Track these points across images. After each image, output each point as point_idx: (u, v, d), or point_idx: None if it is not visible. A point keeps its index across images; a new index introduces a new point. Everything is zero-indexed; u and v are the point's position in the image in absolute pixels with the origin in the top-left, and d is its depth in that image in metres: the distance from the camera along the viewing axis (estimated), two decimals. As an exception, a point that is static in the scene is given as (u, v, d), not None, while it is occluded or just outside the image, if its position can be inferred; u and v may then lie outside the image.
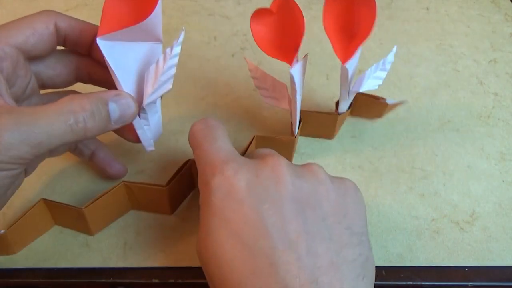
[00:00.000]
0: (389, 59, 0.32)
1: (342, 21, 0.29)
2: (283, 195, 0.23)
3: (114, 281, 0.29)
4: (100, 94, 0.24)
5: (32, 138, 0.21)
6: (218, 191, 0.23)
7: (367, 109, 0.37)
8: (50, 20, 0.26)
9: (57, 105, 0.23)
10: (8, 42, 0.24)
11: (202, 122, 0.27)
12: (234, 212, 0.22)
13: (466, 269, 0.30)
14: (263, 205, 0.22)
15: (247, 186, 0.23)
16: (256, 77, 0.32)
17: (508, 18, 0.48)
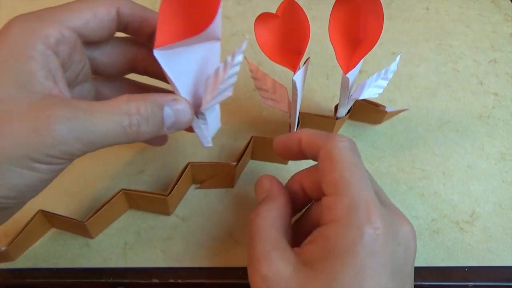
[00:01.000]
0: (391, 69, 0.31)
1: (348, 30, 0.29)
2: (408, 272, 0.22)
3: (114, 281, 0.29)
4: (156, 97, 0.23)
5: (86, 136, 0.20)
6: (369, 245, 0.21)
7: (366, 115, 0.37)
8: (112, 5, 0.24)
9: (113, 105, 0.22)
10: (67, 25, 0.23)
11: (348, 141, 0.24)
12: (373, 274, 0.21)
13: (466, 269, 0.30)
14: (395, 276, 0.21)
15: (391, 252, 0.21)
16: (256, 77, 0.32)
17: (508, 18, 0.48)
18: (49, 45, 0.22)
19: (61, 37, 0.22)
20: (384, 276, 0.21)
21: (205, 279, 0.29)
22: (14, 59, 0.21)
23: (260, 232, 0.23)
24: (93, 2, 0.24)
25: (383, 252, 0.21)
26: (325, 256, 0.21)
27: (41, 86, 0.21)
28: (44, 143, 0.20)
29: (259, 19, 0.28)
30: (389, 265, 0.21)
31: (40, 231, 0.30)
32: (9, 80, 0.20)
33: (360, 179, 0.22)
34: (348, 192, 0.22)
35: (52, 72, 0.22)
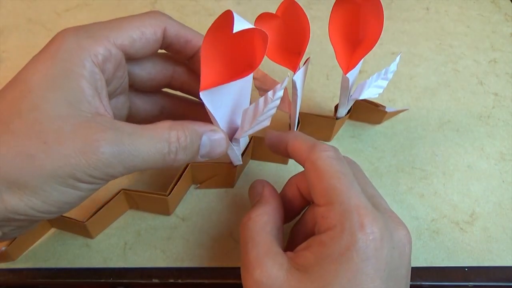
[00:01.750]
0: (391, 69, 0.31)
1: (348, 30, 0.29)
2: (403, 276, 0.23)
3: (114, 281, 0.29)
4: (196, 126, 0.24)
5: (129, 160, 0.21)
6: (363, 251, 0.21)
7: (366, 115, 0.37)
8: (159, 25, 0.25)
9: (155, 131, 0.22)
10: (115, 43, 0.23)
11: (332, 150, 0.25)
12: (368, 281, 0.21)
13: (466, 269, 0.30)
14: (390, 281, 0.21)
15: (385, 257, 0.21)
16: (257, 77, 0.32)
17: (508, 18, 0.48)
18: (97, 62, 0.22)
19: (108, 54, 0.23)
20: (379, 281, 0.21)
21: (205, 279, 0.29)
22: (65, 76, 0.21)
23: (253, 237, 0.23)
24: (141, 21, 0.24)
25: (377, 257, 0.21)
26: (320, 261, 0.21)
27: (89, 104, 0.21)
28: (90, 165, 0.20)
29: (259, 19, 0.28)
30: (383, 269, 0.21)
31: (40, 231, 0.30)
32: (59, 97, 0.21)
33: (349, 186, 0.23)
34: (339, 199, 0.22)
35: (98, 90, 0.22)
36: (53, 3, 0.48)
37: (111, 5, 0.48)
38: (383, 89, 0.32)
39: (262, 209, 0.25)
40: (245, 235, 0.24)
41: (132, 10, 0.47)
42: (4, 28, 0.45)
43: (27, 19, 0.46)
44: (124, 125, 0.22)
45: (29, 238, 0.29)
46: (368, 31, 0.28)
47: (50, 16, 0.46)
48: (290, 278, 0.21)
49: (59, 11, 0.47)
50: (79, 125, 0.20)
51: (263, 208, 0.25)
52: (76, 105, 0.21)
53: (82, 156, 0.20)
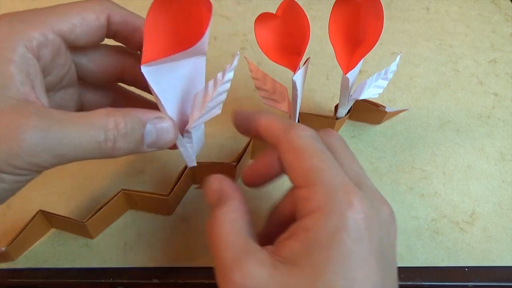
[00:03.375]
0: (391, 69, 0.31)
1: (348, 30, 0.29)
2: (392, 256, 0.21)
3: (114, 281, 0.29)
4: (139, 113, 0.22)
5: (57, 149, 0.19)
6: (354, 231, 0.19)
7: (366, 115, 0.37)
8: (102, 11, 0.23)
9: (90, 118, 0.20)
10: (52, 28, 0.22)
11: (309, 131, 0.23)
12: (362, 262, 0.19)
13: (466, 269, 0.30)
14: (382, 263, 0.20)
15: (376, 237, 0.20)
16: (256, 78, 0.32)
17: (508, 18, 0.48)
18: (31, 48, 0.21)
19: (44, 40, 0.21)
20: (374, 264, 0.20)
21: (205, 279, 0.29)
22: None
23: (223, 239, 0.21)
24: (82, 7, 0.23)
25: (370, 237, 0.20)
26: (308, 250, 0.20)
27: (17, 91, 0.20)
28: (11, 153, 0.19)
29: (259, 19, 0.28)
30: (376, 250, 0.20)
31: (40, 231, 0.30)
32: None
33: (331, 165, 0.21)
34: (323, 179, 0.21)
35: (31, 76, 0.21)
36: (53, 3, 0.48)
37: (111, 5, 0.48)
38: (383, 89, 0.32)
39: (227, 207, 0.22)
40: (214, 237, 0.21)
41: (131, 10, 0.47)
42: (4, 28, 0.45)
43: (27, 19, 0.46)
44: (56, 112, 0.20)
45: (29, 238, 0.29)
46: (368, 31, 0.28)
47: (50, 16, 0.46)
48: (276, 275, 0.19)
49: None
50: (2, 111, 0.19)
51: (228, 205, 0.22)
52: (2, 91, 0.20)
53: (2, 143, 0.19)
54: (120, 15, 0.24)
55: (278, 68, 0.34)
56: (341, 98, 0.32)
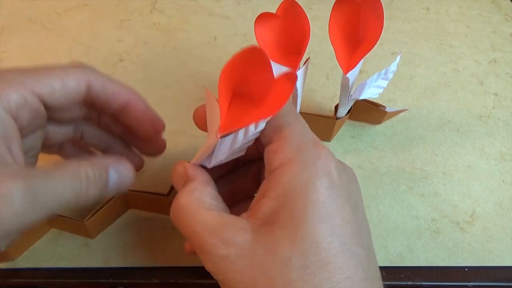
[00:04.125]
0: (391, 69, 0.31)
1: (348, 30, 0.29)
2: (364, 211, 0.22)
3: (114, 281, 0.29)
4: (102, 160, 0.23)
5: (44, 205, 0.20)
6: (326, 178, 0.20)
7: (366, 115, 0.37)
8: (83, 77, 0.23)
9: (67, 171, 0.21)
10: (32, 90, 0.22)
11: None
12: (338, 208, 0.20)
13: (466, 269, 0.30)
14: (357, 210, 0.21)
15: (346, 186, 0.21)
16: None
17: (508, 18, 0.48)
18: (9, 109, 0.21)
19: (23, 101, 0.21)
20: (349, 209, 0.20)
21: (205, 279, 0.29)
22: None
23: (194, 218, 0.21)
24: (64, 71, 0.23)
25: (342, 186, 0.20)
26: (284, 203, 0.20)
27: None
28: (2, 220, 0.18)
29: (259, 18, 0.28)
30: (348, 198, 0.20)
31: (40, 231, 0.30)
32: None
33: (303, 124, 0.22)
34: (294, 134, 0.21)
35: (8, 137, 0.21)
36: (53, 3, 0.48)
37: (111, 5, 0.48)
38: (383, 89, 0.32)
39: (189, 187, 0.22)
40: (183, 221, 0.21)
41: (132, 10, 0.47)
42: (4, 28, 0.45)
43: (27, 19, 0.46)
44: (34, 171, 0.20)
45: (29, 238, 0.29)
46: (368, 31, 0.28)
47: (50, 16, 0.46)
48: (259, 237, 0.19)
49: (59, 11, 0.47)
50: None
51: (190, 186, 0.22)
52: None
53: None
54: (100, 82, 0.24)
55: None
56: (341, 98, 0.32)
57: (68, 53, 0.43)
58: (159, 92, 0.40)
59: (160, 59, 0.43)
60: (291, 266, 0.19)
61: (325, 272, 0.19)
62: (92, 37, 0.44)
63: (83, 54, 0.43)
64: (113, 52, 0.43)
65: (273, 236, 0.19)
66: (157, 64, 0.42)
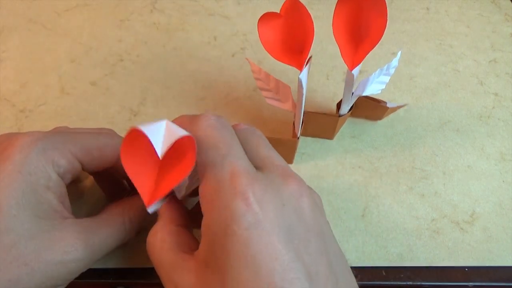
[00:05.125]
0: (393, 64, 0.32)
1: (352, 26, 0.29)
2: (309, 229, 0.21)
3: (114, 281, 0.29)
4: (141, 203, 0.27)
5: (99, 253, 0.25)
6: (243, 219, 0.19)
7: (368, 112, 0.37)
8: (117, 151, 0.27)
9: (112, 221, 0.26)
10: (76, 156, 0.25)
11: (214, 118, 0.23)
12: (263, 246, 0.19)
13: (466, 269, 0.30)
14: (293, 240, 0.20)
15: (275, 216, 0.20)
16: (259, 78, 0.32)
17: (508, 18, 0.48)
18: (59, 173, 0.24)
19: (70, 167, 0.25)
20: (277, 243, 0.19)
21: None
22: (32, 190, 0.23)
23: (158, 259, 0.23)
24: (102, 141, 0.26)
25: (267, 219, 0.19)
26: (211, 249, 0.20)
27: (55, 213, 0.24)
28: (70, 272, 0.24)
29: (263, 18, 0.28)
30: (276, 228, 0.19)
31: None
32: (29, 214, 0.22)
33: (226, 154, 0.21)
34: (212, 172, 0.21)
35: (62, 197, 0.25)
36: (53, 3, 0.48)
37: (111, 5, 0.48)
38: (385, 85, 0.32)
39: (155, 229, 0.23)
40: (151, 258, 0.23)
41: (132, 10, 0.47)
42: (4, 28, 0.45)
43: (27, 19, 0.46)
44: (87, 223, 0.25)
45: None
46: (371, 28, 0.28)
47: (50, 16, 0.46)
48: (198, 281, 0.20)
49: (59, 11, 0.47)
50: (53, 238, 0.23)
51: (156, 227, 0.24)
52: (46, 219, 0.23)
53: (61, 266, 0.23)
54: None
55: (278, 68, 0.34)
56: (345, 94, 0.32)
57: (68, 53, 0.43)
58: (159, 92, 0.40)
59: (160, 59, 0.43)
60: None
61: None
62: (92, 37, 0.44)
63: (83, 54, 0.43)
64: (113, 52, 0.43)
65: (207, 280, 0.20)
66: (157, 64, 0.42)
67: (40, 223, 0.23)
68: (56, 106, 0.38)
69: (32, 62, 0.42)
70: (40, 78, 0.40)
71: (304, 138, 0.37)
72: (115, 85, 0.40)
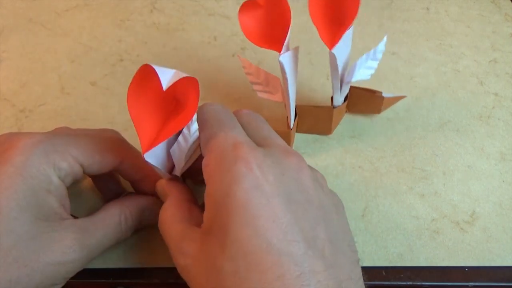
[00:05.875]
0: (379, 48, 0.32)
1: (329, 11, 0.30)
2: (308, 200, 0.22)
3: (114, 281, 0.29)
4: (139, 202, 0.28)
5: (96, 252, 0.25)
6: (244, 180, 0.20)
7: (364, 104, 0.37)
8: (119, 155, 0.27)
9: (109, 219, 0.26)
10: (78, 160, 0.25)
11: (218, 105, 0.25)
12: (262, 207, 0.20)
13: (466, 269, 0.30)
14: (291, 205, 0.20)
15: (275, 182, 0.21)
16: (250, 72, 0.33)
17: (508, 18, 0.48)
18: (60, 176, 0.24)
19: (71, 171, 0.25)
20: (279, 206, 0.20)
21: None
22: (33, 193, 0.23)
23: (168, 233, 0.24)
24: (104, 145, 0.26)
25: (268, 183, 0.20)
26: (213, 214, 0.21)
27: (55, 215, 0.24)
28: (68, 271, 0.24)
29: (243, 8, 0.29)
30: (276, 192, 0.20)
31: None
32: (29, 216, 0.23)
33: (229, 130, 0.23)
34: (217, 144, 0.22)
35: (62, 200, 0.25)
36: (53, 3, 0.48)
37: (111, 5, 0.48)
38: (375, 70, 0.32)
39: (165, 206, 0.25)
40: (163, 234, 0.24)
41: (132, 10, 0.47)
42: (4, 28, 0.45)
43: (27, 19, 0.46)
44: (85, 223, 0.25)
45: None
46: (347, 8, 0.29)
47: (50, 16, 0.46)
48: (202, 247, 0.21)
49: (59, 11, 0.47)
50: (52, 240, 0.23)
51: (166, 204, 0.25)
52: (45, 220, 0.23)
53: (60, 267, 0.23)
54: (131, 159, 0.28)
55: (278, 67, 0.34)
56: (333, 81, 0.32)
57: (68, 53, 0.43)
58: (159, 92, 0.40)
59: (160, 59, 0.43)
60: (224, 274, 0.20)
61: (255, 275, 0.19)
62: (92, 37, 0.44)
63: (83, 54, 0.43)
64: (113, 52, 0.43)
65: (210, 247, 0.21)
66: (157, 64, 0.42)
67: (40, 225, 0.23)
68: (56, 106, 0.38)
69: (32, 62, 0.42)
70: (40, 78, 0.40)
71: (304, 138, 0.37)
72: (115, 85, 0.40)
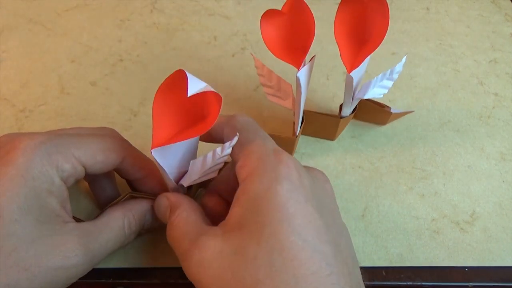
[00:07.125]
0: (397, 69, 0.31)
1: (354, 29, 0.29)
2: (333, 210, 0.24)
3: (114, 281, 0.29)
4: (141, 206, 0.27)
5: (99, 257, 0.25)
6: (285, 182, 0.21)
7: (371, 116, 0.37)
8: (121, 154, 0.27)
9: (112, 224, 0.26)
10: (80, 160, 0.25)
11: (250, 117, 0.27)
12: (300, 208, 0.21)
13: (466, 269, 0.30)
14: (323, 211, 0.22)
15: (310, 187, 0.22)
16: (262, 74, 0.33)
17: (508, 18, 0.48)
18: (62, 177, 0.24)
19: (74, 172, 0.25)
20: (313, 210, 0.21)
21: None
22: (35, 195, 0.23)
23: (180, 233, 0.24)
24: (107, 145, 0.26)
25: (304, 187, 0.22)
26: (250, 209, 0.21)
27: (57, 217, 0.24)
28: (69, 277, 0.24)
29: (265, 15, 0.28)
30: (311, 197, 0.22)
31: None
32: (30, 219, 0.22)
33: (264, 138, 0.24)
34: (255, 148, 0.23)
35: (64, 202, 0.25)
36: (53, 3, 0.48)
37: (111, 5, 0.48)
38: (388, 90, 0.32)
39: (178, 211, 0.25)
40: (173, 237, 0.24)
41: (132, 10, 0.47)
42: (4, 28, 0.45)
43: (27, 19, 0.46)
44: (88, 227, 0.25)
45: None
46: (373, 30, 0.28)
47: (50, 16, 0.46)
48: (229, 241, 0.21)
49: (59, 11, 0.47)
50: (53, 243, 0.23)
51: (178, 210, 0.25)
52: (47, 223, 0.23)
53: (61, 272, 0.23)
54: (132, 158, 0.27)
55: (280, 66, 0.34)
56: (345, 97, 0.32)
57: (68, 53, 0.43)
58: (159, 92, 0.40)
59: (160, 59, 0.43)
60: (258, 265, 0.20)
61: (290, 269, 0.20)
62: (92, 37, 0.44)
63: (83, 54, 0.43)
64: (113, 52, 0.43)
65: (241, 239, 0.21)
66: (157, 64, 0.42)
67: (41, 228, 0.23)
68: (56, 106, 0.38)
69: (32, 62, 0.42)
70: (40, 78, 0.40)
71: (305, 138, 0.37)
72: (115, 85, 0.40)
